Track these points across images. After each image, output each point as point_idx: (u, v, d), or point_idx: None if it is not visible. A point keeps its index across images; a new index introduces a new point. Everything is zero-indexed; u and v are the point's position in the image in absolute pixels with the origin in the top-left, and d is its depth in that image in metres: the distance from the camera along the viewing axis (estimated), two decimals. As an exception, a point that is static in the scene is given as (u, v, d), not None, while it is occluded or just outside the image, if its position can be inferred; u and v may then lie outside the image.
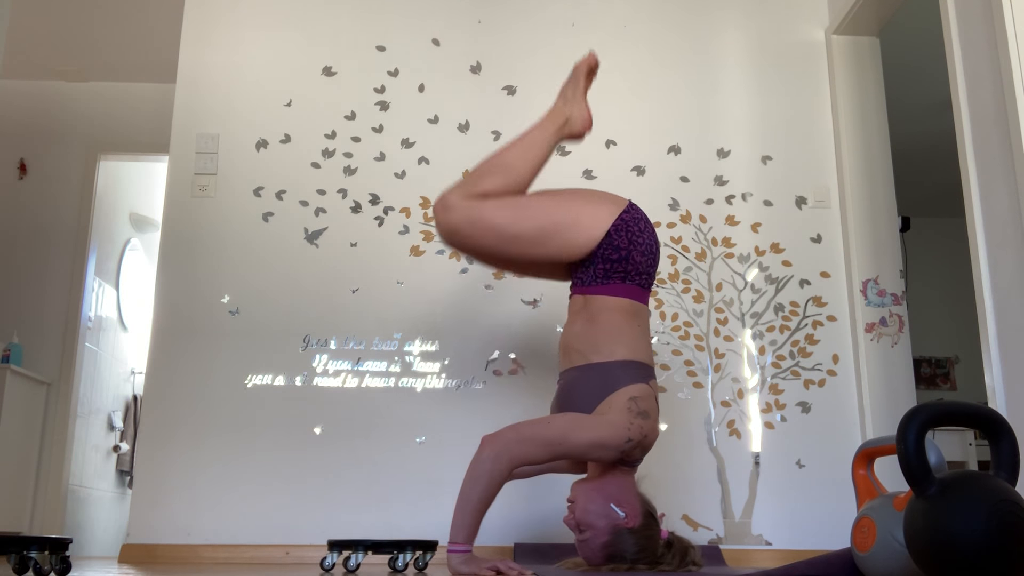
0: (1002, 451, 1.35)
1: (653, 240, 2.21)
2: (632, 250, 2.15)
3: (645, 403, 2.07)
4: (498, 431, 2.02)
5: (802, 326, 3.44)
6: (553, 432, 2.00)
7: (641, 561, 2.00)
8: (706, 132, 3.61)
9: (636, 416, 2.03)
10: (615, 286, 2.16)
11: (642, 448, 2.06)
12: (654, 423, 2.08)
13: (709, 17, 3.73)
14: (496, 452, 1.96)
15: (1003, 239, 2.54)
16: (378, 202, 3.50)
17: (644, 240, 2.18)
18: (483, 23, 3.69)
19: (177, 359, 3.32)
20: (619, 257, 2.15)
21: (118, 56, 4.96)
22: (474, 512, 1.94)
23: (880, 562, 1.48)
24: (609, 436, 1.99)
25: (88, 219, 5.10)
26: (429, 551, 2.62)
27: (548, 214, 2.17)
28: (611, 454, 2.02)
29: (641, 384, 2.10)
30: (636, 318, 2.17)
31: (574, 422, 2.02)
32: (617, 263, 2.15)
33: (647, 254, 2.18)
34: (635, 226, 2.17)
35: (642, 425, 2.04)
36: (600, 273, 2.16)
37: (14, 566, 1.87)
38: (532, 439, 1.98)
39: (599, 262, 2.16)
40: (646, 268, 2.18)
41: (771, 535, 3.24)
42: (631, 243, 2.15)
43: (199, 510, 3.19)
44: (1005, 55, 2.49)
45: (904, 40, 4.51)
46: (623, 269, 2.15)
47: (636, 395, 2.07)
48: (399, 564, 2.53)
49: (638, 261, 2.16)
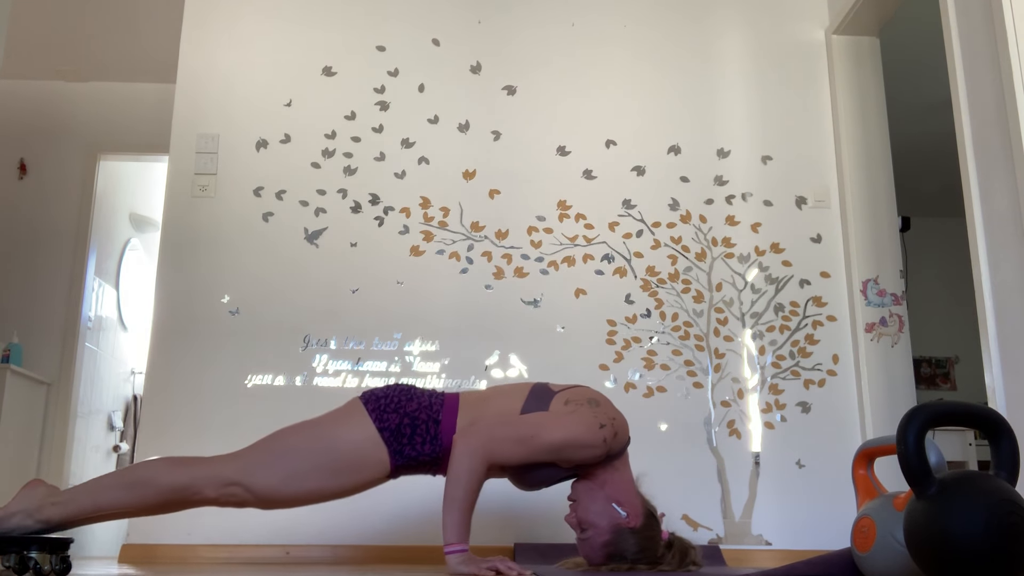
0: (1002, 451, 1.35)
1: (396, 388, 2.15)
2: (402, 412, 2.09)
3: (580, 396, 2.08)
4: (471, 428, 2.02)
5: (802, 326, 3.44)
6: (525, 429, 2.00)
7: (641, 561, 2.00)
8: (706, 132, 3.61)
9: (587, 406, 2.04)
10: (444, 425, 2.09)
11: (619, 432, 2.05)
12: (609, 405, 2.09)
13: (709, 17, 3.73)
14: (471, 449, 1.96)
15: (1003, 239, 2.54)
16: (378, 202, 3.50)
17: (394, 397, 2.12)
18: (483, 23, 3.69)
19: (177, 359, 3.32)
20: (409, 428, 2.08)
21: (118, 56, 4.96)
22: (460, 511, 1.93)
23: (880, 562, 1.48)
24: (582, 428, 1.99)
25: (88, 219, 5.10)
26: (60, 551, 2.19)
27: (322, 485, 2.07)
28: (594, 451, 2.01)
29: (557, 394, 2.11)
30: (474, 407, 2.13)
31: (545, 418, 2.03)
32: (416, 427, 2.08)
33: (408, 398, 2.12)
34: (380, 400, 2.11)
35: (602, 411, 2.04)
36: (429, 437, 2.08)
37: (14, 566, 1.87)
38: (505, 437, 1.99)
39: (409, 452, 2.08)
40: (421, 402, 2.11)
41: (771, 535, 3.24)
42: (395, 411, 2.09)
43: (199, 510, 3.16)
44: (1005, 55, 2.49)
45: (904, 40, 4.51)
46: (422, 421, 2.09)
47: (566, 399, 2.08)
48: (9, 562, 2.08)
49: (412, 409, 2.10)
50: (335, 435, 2.08)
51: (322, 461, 2.06)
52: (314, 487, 2.08)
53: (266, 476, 2.06)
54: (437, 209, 3.49)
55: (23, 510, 2.03)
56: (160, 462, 2.10)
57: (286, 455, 2.07)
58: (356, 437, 2.07)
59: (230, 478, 2.06)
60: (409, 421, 2.08)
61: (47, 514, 2.02)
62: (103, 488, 2.06)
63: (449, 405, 2.13)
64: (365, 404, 2.11)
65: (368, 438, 2.06)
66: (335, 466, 2.06)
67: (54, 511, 2.03)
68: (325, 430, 2.09)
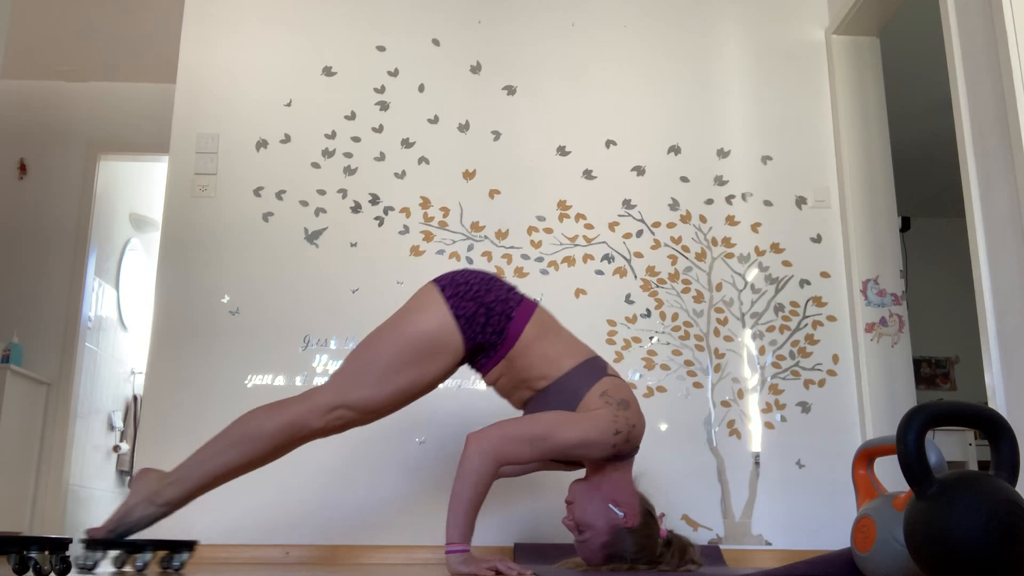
0: (1002, 451, 1.35)
1: (478, 275, 2.17)
2: (480, 301, 2.12)
3: (618, 392, 2.07)
4: (483, 429, 2.01)
5: (802, 326, 3.44)
6: (538, 429, 1.99)
7: (640, 560, 2.00)
8: (706, 132, 3.61)
9: (617, 407, 2.03)
10: (510, 330, 2.12)
11: (632, 439, 2.05)
12: (637, 410, 2.08)
13: (709, 17, 3.74)
14: (482, 449, 1.96)
15: (1003, 239, 2.54)
16: (378, 202, 3.50)
17: (475, 284, 2.15)
18: (483, 23, 3.69)
19: (177, 359, 3.32)
20: (484, 317, 2.11)
21: (118, 56, 4.96)
22: (466, 511, 1.93)
23: (880, 562, 1.48)
24: (596, 432, 1.99)
25: (88, 219, 5.10)
26: (185, 551, 2.30)
27: (401, 365, 2.11)
28: (601, 451, 2.01)
29: (604, 378, 2.10)
30: (548, 327, 2.16)
31: (559, 418, 2.02)
32: (488, 320, 2.12)
33: (488, 287, 2.15)
34: (459, 287, 2.14)
35: (627, 416, 2.03)
36: (489, 344, 2.13)
37: (14, 566, 1.87)
38: (517, 437, 1.98)
39: (479, 339, 2.12)
40: (499, 295, 2.15)
41: (771, 535, 3.24)
42: (472, 299, 2.12)
43: (199, 510, 3.18)
44: (1005, 55, 2.49)
45: (904, 40, 4.51)
46: (495, 315, 2.12)
47: (605, 389, 2.07)
48: (138, 564, 2.22)
49: (491, 301, 2.13)
50: (413, 328, 2.11)
51: (405, 356, 2.10)
52: (404, 383, 2.12)
53: (360, 389, 2.11)
54: (437, 209, 3.49)
55: (143, 499, 2.10)
56: (257, 413, 2.14)
57: (372, 362, 2.12)
58: (432, 325, 2.10)
59: (330, 403, 2.11)
60: (485, 311, 2.12)
61: (166, 496, 2.10)
62: (212, 455, 2.11)
63: (525, 308, 2.15)
64: (442, 290, 2.14)
65: (444, 325, 2.10)
66: (417, 356, 2.11)
67: (172, 491, 2.09)
68: (403, 326, 2.13)
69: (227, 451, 2.11)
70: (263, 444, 2.11)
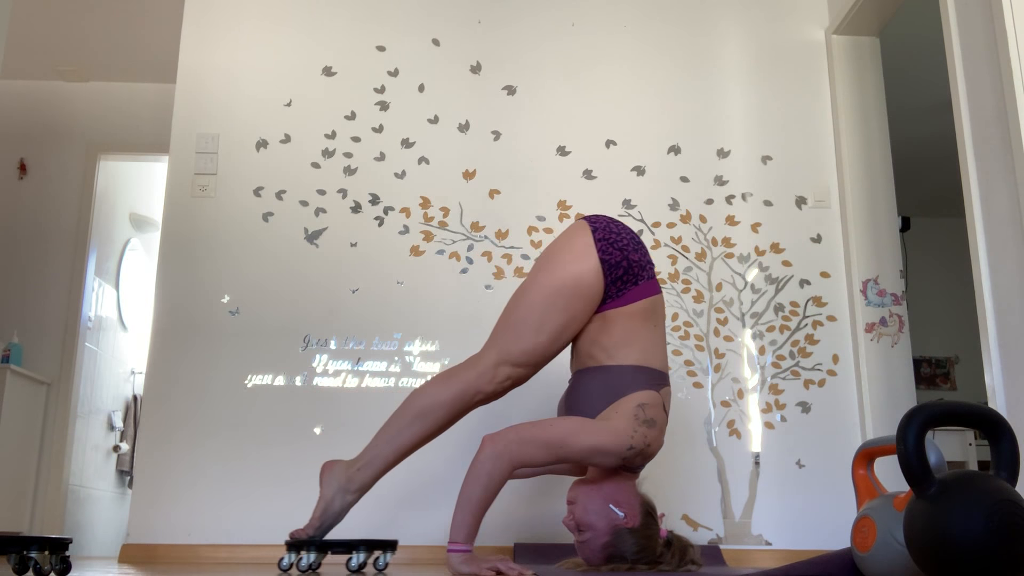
0: (1002, 451, 1.35)
1: (630, 232, 2.21)
2: (626, 254, 2.15)
3: (653, 411, 2.06)
4: (499, 431, 2.02)
5: (802, 326, 3.44)
6: (555, 435, 1.99)
7: (641, 561, 2.00)
8: (706, 132, 3.62)
9: (641, 424, 2.02)
10: (629, 294, 2.15)
11: (644, 456, 2.05)
12: (659, 432, 2.06)
13: (709, 17, 3.74)
14: (497, 452, 1.96)
15: (1003, 239, 2.54)
16: (378, 202, 3.50)
17: (626, 237, 2.18)
18: (483, 23, 3.69)
19: (177, 359, 3.32)
20: (622, 271, 2.14)
21: (118, 56, 4.96)
22: (474, 512, 1.93)
23: (880, 562, 1.48)
24: (610, 442, 1.98)
25: (88, 219, 5.10)
26: (389, 551, 2.47)
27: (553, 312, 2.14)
28: (611, 460, 2.01)
29: (651, 391, 2.08)
30: (653, 317, 2.17)
31: (577, 426, 2.01)
32: (622, 275, 2.15)
33: (636, 248, 2.18)
34: (612, 234, 2.17)
35: (646, 433, 2.02)
36: (614, 292, 2.16)
37: (14, 566, 1.87)
38: (533, 440, 1.98)
39: (609, 285, 2.15)
40: (643, 260, 2.19)
41: (771, 535, 3.24)
42: (620, 249, 2.15)
43: (199, 510, 3.19)
44: (1005, 55, 2.49)
45: (904, 40, 4.51)
46: (630, 275, 2.15)
47: (645, 402, 2.05)
48: (352, 564, 2.39)
49: (635, 260, 2.16)
50: (561, 271, 2.14)
51: (556, 300, 2.13)
52: (557, 324, 2.13)
53: (520, 343, 2.15)
54: (437, 209, 3.49)
55: (337, 490, 2.21)
56: (432, 385, 2.21)
57: (527, 313, 2.15)
58: (579, 269, 2.13)
59: (495, 362, 2.16)
60: (626, 266, 2.14)
61: (359, 481, 2.20)
62: (397, 433, 2.19)
63: (652, 284, 2.18)
64: (594, 232, 2.16)
65: (590, 269, 2.12)
66: (566, 300, 2.12)
67: (363, 475, 2.20)
68: (553, 269, 2.16)
69: (408, 428, 2.19)
70: (443, 415, 2.18)
